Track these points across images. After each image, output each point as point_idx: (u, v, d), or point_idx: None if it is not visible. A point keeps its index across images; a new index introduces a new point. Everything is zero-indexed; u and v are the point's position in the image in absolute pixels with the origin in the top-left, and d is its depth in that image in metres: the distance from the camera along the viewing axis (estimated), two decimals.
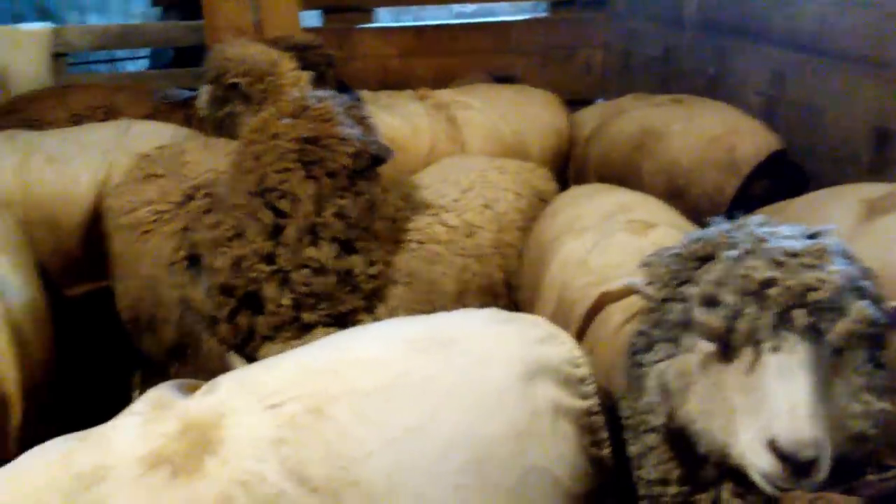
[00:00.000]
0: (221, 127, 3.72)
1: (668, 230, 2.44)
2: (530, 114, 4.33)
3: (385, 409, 1.50)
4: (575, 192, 3.22)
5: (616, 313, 2.12)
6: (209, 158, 3.13)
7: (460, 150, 4.09)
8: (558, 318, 2.34)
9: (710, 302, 1.41)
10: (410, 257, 2.75)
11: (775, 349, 1.35)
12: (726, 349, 1.40)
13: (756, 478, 1.36)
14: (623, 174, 3.82)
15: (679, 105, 3.99)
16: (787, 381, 1.32)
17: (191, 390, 1.66)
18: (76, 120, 4.00)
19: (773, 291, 1.34)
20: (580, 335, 2.17)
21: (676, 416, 1.49)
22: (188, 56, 5.49)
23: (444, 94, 4.36)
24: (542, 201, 3.23)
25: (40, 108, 4.04)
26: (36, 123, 3.94)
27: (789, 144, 3.79)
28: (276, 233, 2.40)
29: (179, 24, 4.89)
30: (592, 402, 1.67)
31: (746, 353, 1.38)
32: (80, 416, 2.12)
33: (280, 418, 1.46)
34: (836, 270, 1.36)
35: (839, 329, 1.33)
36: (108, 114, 4.08)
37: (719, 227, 1.56)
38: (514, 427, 1.53)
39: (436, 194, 3.06)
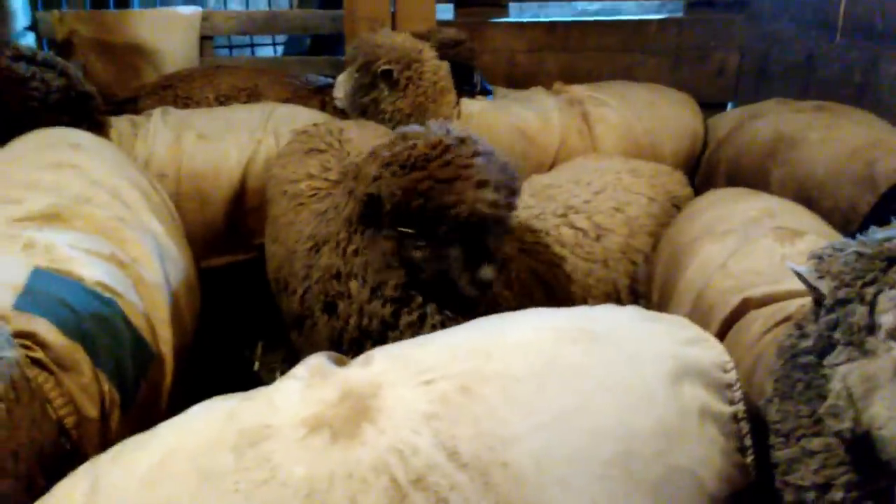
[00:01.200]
0: (364, 113, 3.88)
1: (818, 239, 2.35)
2: (665, 114, 4.25)
3: (535, 394, 1.52)
4: (716, 194, 3.14)
5: (758, 320, 2.07)
6: (368, 137, 3.26)
7: (592, 147, 4.06)
8: (695, 320, 2.30)
9: None
10: (533, 259, 2.73)
11: None
12: None
13: None
14: (752, 181, 3.68)
15: (821, 112, 3.80)
16: None
17: (341, 362, 1.75)
18: (223, 100, 4.27)
19: None
20: (719, 338, 2.13)
21: (861, 419, 1.46)
22: (324, 44, 5.71)
23: (579, 90, 4.34)
24: (676, 207, 3.17)
25: (191, 87, 4.32)
26: (187, 101, 4.21)
27: None
28: None
29: (319, 13, 5.08)
30: (739, 408, 1.65)
31: None
32: (208, 382, 2.27)
33: (433, 394, 1.51)
34: None
35: None
36: (251, 96, 4.33)
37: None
38: (662, 425, 1.53)
39: (567, 194, 3.05)
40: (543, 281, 2.74)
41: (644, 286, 2.90)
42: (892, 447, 1.41)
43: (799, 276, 1.59)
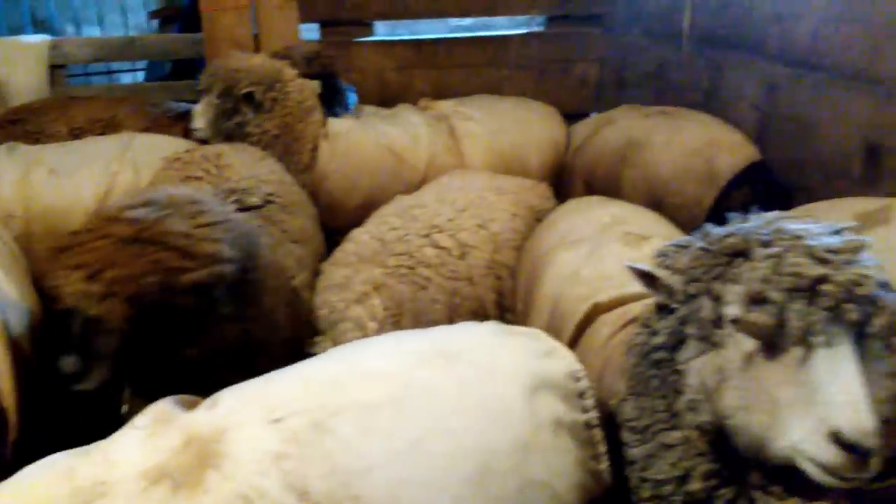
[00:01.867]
0: (229, 138, 3.77)
1: (663, 242, 2.44)
2: (530, 127, 4.37)
3: (390, 422, 1.51)
4: (570, 205, 3.25)
5: (606, 324, 2.14)
6: (247, 163, 3.20)
7: (460, 161, 4.11)
8: (551, 330, 2.35)
9: (757, 300, 1.43)
10: (398, 284, 2.71)
11: (827, 344, 1.38)
12: (771, 346, 1.43)
13: (812, 470, 1.38)
14: (606, 184, 3.90)
15: (665, 117, 4.06)
16: (841, 373, 1.36)
17: (190, 405, 1.67)
18: (77, 133, 4.02)
19: (825, 288, 1.38)
20: (571, 346, 2.19)
21: (715, 410, 1.51)
22: (185, 69, 5.52)
23: (445, 105, 4.39)
24: (539, 220, 3.24)
25: (42, 120, 4.06)
26: (37, 136, 3.95)
27: (782, 158, 3.83)
28: None
29: (178, 37, 4.91)
30: (592, 416, 1.69)
31: (794, 349, 1.41)
32: (72, 431, 2.12)
33: (283, 433, 1.47)
34: (873, 265, 1.41)
35: (879, 322, 1.38)
36: (108, 127, 4.10)
37: (745, 224, 1.58)
38: (518, 440, 1.55)
39: (431, 213, 3.07)
40: (409, 307, 2.72)
41: (510, 298, 2.95)
42: (743, 435, 1.48)
43: (638, 274, 1.64)
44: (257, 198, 2.89)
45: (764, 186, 3.63)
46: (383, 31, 6.48)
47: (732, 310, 1.47)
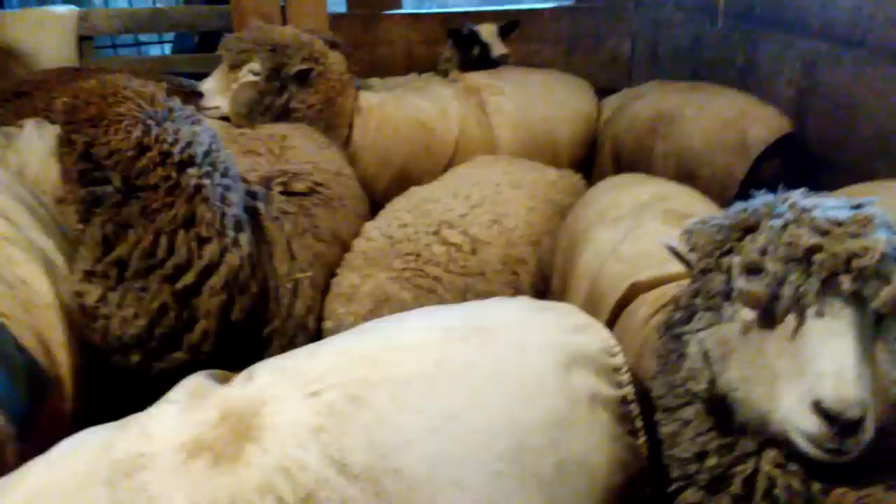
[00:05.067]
0: (279, 117, 3.72)
1: None
2: (560, 100, 4.32)
3: (425, 396, 1.50)
4: (610, 181, 3.21)
5: (644, 304, 2.11)
6: (311, 149, 3.21)
7: (489, 135, 4.07)
8: (589, 307, 2.33)
9: (754, 270, 1.43)
10: (403, 290, 2.64)
11: (820, 314, 1.37)
12: (768, 316, 1.43)
13: (799, 441, 1.38)
14: (636, 157, 3.86)
15: (695, 90, 4.01)
16: (831, 344, 1.35)
17: (225, 380, 1.67)
18: None
19: (818, 257, 1.37)
20: (610, 325, 2.16)
21: (717, 384, 1.51)
22: (213, 41, 5.49)
23: (476, 78, 4.35)
24: (559, 214, 3.18)
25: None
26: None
27: (820, 137, 3.75)
28: None
29: (205, 9, 4.87)
30: (628, 391, 1.68)
31: (790, 320, 1.40)
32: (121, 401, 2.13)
33: (320, 406, 1.46)
34: (880, 239, 1.37)
35: (884, 295, 1.35)
36: None
37: (764, 199, 1.56)
38: (553, 415, 1.53)
39: (442, 209, 3.00)
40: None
41: (540, 279, 2.91)
42: (745, 408, 1.48)
43: (670, 250, 1.62)
44: (303, 184, 2.88)
45: (797, 157, 3.57)
46: (411, 3, 6.41)
47: (739, 283, 1.47)
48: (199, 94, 3.78)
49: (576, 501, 1.52)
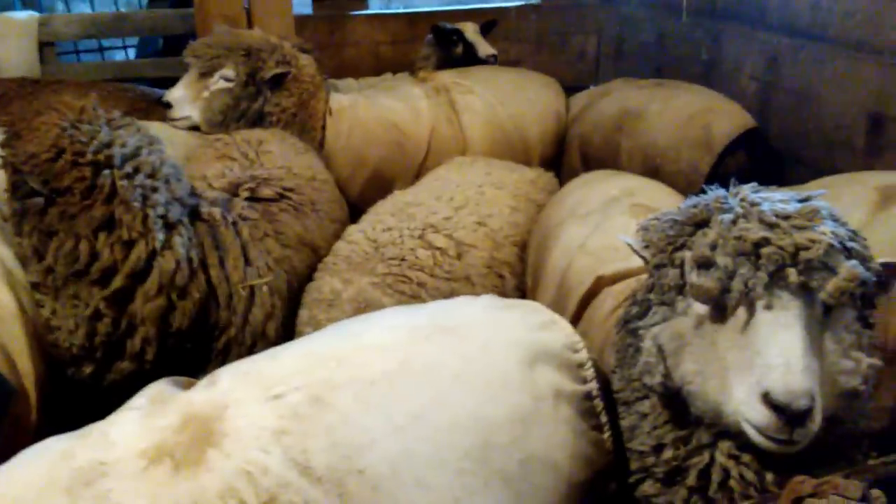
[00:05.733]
0: (253, 123, 3.67)
1: None
2: (529, 97, 4.33)
3: (389, 396, 1.49)
4: (582, 178, 3.24)
5: (609, 297, 2.13)
6: (287, 154, 3.18)
7: (460, 133, 4.07)
8: (558, 301, 2.35)
9: (705, 265, 1.45)
10: (385, 296, 2.60)
11: (769, 307, 1.40)
12: (720, 310, 1.45)
13: (750, 432, 1.40)
14: (602, 154, 3.90)
15: (659, 87, 4.07)
16: (780, 336, 1.37)
17: (188, 386, 1.65)
18: None
19: (765, 251, 1.39)
20: (576, 319, 2.18)
21: (672, 377, 1.53)
22: (177, 45, 5.43)
23: (444, 77, 4.35)
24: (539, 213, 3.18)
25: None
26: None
27: (784, 130, 3.80)
28: None
29: (168, 13, 4.81)
30: (591, 386, 1.69)
31: (740, 313, 1.43)
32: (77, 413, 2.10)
33: (282, 408, 1.45)
34: (826, 231, 1.40)
35: (830, 287, 1.38)
36: None
37: (715, 194, 1.59)
38: (517, 412, 1.54)
39: (427, 212, 2.97)
40: None
41: (513, 296, 2.89)
42: (699, 401, 1.50)
43: (629, 246, 1.64)
44: (271, 190, 2.85)
45: (761, 153, 3.63)
46: (377, 4, 6.39)
47: (692, 277, 1.49)
48: (167, 104, 3.69)
49: (541, 497, 1.52)
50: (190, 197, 2.46)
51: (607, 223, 2.49)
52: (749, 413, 1.39)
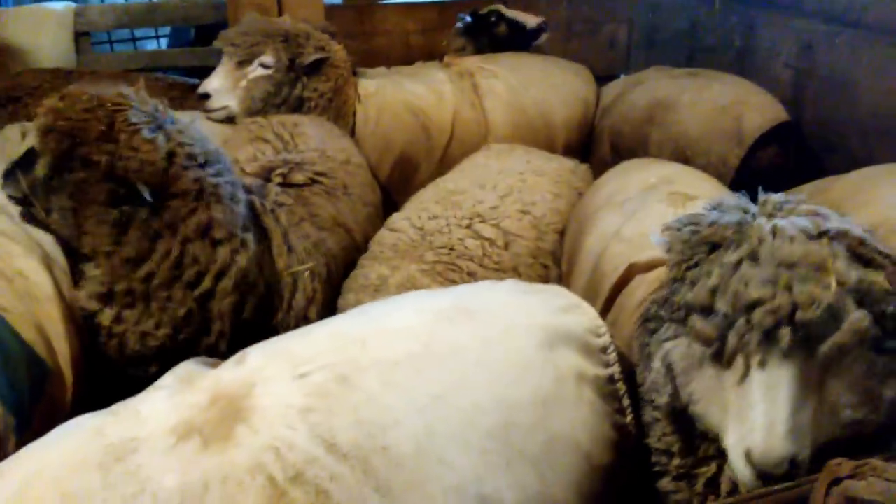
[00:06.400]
0: (294, 109, 3.71)
1: (709, 202, 2.40)
2: (555, 83, 4.30)
3: (412, 377, 1.51)
4: (620, 167, 3.22)
5: (642, 285, 2.11)
6: (322, 137, 3.20)
7: (482, 117, 4.07)
8: (591, 287, 2.34)
9: (706, 310, 1.44)
10: (435, 282, 2.59)
11: (762, 364, 1.38)
12: (721, 355, 1.43)
13: (736, 473, 1.43)
14: (632, 145, 3.86)
15: (692, 77, 4.00)
16: (769, 397, 1.36)
17: (215, 366, 1.68)
18: None
19: (759, 312, 1.36)
20: (608, 305, 2.17)
21: (679, 396, 1.53)
22: (209, 34, 5.48)
23: (469, 62, 4.35)
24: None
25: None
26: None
27: (818, 118, 3.73)
28: None
29: (201, 2, 4.86)
30: (614, 370, 1.69)
31: (738, 363, 1.42)
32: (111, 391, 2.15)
33: (308, 387, 1.48)
34: (831, 284, 1.35)
35: (829, 343, 1.35)
36: None
37: (736, 210, 1.55)
38: (539, 394, 1.55)
39: (472, 200, 2.95)
40: None
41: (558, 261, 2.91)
42: (703, 421, 1.50)
43: (658, 245, 1.63)
44: (303, 175, 2.87)
45: (793, 146, 3.55)
46: None
47: (692, 320, 1.48)
48: (205, 96, 3.71)
49: (564, 478, 1.53)
50: (244, 191, 2.49)
51: (643, 211, 2.47)
52: (733, 462, 1.41)
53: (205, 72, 4.35)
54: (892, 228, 2.07)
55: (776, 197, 1.57)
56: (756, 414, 1.36)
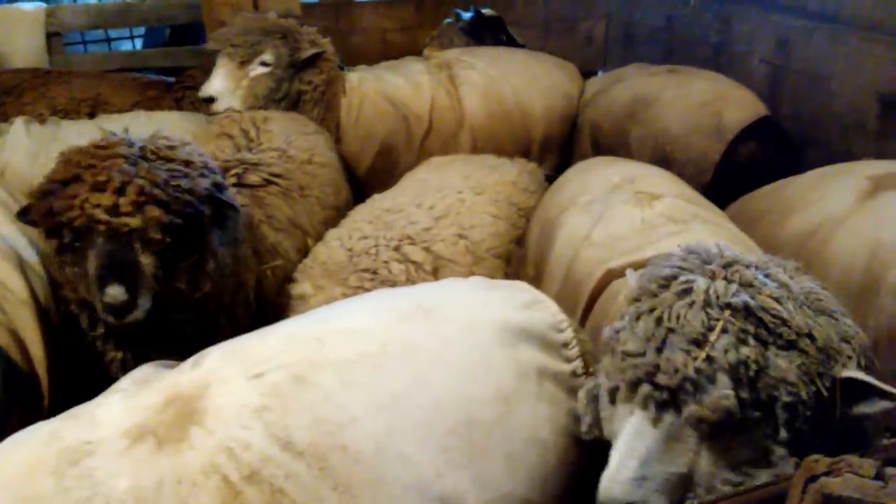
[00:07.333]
0: (293, 103, 3.76)
1: (675, 201, 2.42)
2: (535, 74, 4.30)
3: (371, 376, 1.50)
4: (579, 166, 3.20)
5: (622, 290, 2.09)
6: (290, 133, 3.17)
7: (457, 104, 4.09)
8: (565, 293, 2.33)
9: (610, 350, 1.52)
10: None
11: (629, 412, 1.43)
12: (613, 394, 1.49)
13: None
14: (613, 141, 3.86)
15: (672, 74, 4.02)
16: (629, 443, 1.40)
17: (174, 367, 1.65)
18: (61, 116, 3.77)
19: (627, 363, 1.43)
20: (587, 310, 2.17)
21: (601, 428, 1.56)
22: (184, 34, 5.43)
23: (449, 54, 4.37)
24: (524, 218, 3.09)
25: (20, 101, 3.91)
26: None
27: (795, 113, 3.74)
28: None
29: (175, 2, 4.81)
30: (576, 365, 1.69)
31: (620, 406, 1.47)
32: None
33: (264, 386, 1.46)
34: (699, 357, 1.36)
35: (688, 413, 1.37)
36: (94, 106, 3.96)
37: (696, 258, 1.55)
38: (500, 390, 1.54)
39: (405, 221, 2.82)
40: None
41: (514, 268, 2.86)
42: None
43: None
44: (258, 177, 2.83)
45: (773, 141, 3.56)
46: None
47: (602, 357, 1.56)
48: (210, 99, 3.66)
49: (527, 473, 1.52)
50: None
51: (610, 212, 2.46)
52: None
53: (179, 72, 4.32)
54: (831, 228, 2.29)
55: (730, 254, 1.55)
56: (613, 455, 1.42)
